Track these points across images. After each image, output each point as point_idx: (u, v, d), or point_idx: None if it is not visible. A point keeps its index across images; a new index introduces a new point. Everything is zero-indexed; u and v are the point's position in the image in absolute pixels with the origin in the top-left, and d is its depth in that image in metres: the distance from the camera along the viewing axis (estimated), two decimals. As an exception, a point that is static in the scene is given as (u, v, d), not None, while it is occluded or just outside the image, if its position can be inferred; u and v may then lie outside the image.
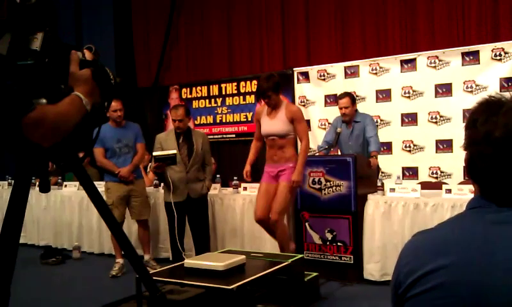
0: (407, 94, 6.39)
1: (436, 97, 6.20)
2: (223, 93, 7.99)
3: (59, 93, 1.42)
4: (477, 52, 5.91)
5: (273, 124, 4.36)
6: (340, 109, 5.32)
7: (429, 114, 6.24)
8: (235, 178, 5.57)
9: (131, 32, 9.22)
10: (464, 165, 1.12)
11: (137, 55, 9.23)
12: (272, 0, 7.74)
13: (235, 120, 7.80)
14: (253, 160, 4.63)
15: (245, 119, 7.76)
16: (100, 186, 5.64)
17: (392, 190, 4.69)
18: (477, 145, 1.05)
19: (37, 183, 1.61)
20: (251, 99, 7.69)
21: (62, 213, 6.64)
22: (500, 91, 5.72)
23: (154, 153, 4.98)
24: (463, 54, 5.99)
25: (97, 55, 1.56)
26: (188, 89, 8.36)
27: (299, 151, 4.52)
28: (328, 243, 4.81)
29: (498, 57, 5.79)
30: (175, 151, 4.94)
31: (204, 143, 5.21)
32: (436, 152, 6.20)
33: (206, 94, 8.18)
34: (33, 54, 1.38)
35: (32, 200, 6.67)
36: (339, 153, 5.39)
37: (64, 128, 1.37)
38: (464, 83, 5.99)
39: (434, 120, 6.21)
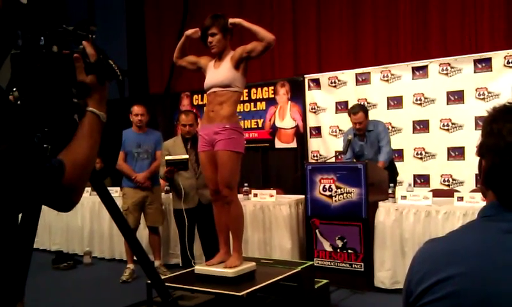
0: (418, 102, 6.36)
1: (448, 104, 6.16)
2: (234, 99, 8.01)
3: (73, 109, 1.34)
4: (489, 59, 5.87)
5: (216, 73, 3.82)
6: (355, 124, 5.24)
7: (440, 121, 6.20)
8: (245, 184, 5.57)
9: (144, 39, 9.29)
10: (477, 172, 1.11)
11: (149, 61, 9.29)
12: (283, 7, 7.75)
13: (246, 127, 7.80)
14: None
15: (256, 126, 7.77)
16: (113, 192, 5.68)
17: (404, 197, 4.68)
18: (502, 155, 1.03)
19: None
20: (262, 106, 7.70)
21: (74, 219, 6.68)
22: (513, 99, 5.69)
23: (166, 158, 4.98)
24: (475, 61, 5.95)
25: (92, 32, 1.44)
26: (199, 95, 8.38)
27: None
28: (338, 250, 4.79)
29: (510, 65, 5.74)
30: (187, 156, 4.94)
31: None
32: (448, 159, 6.16)
33: (217, 101, 8.19)
34: (36, 74, 1.26)
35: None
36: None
37: (88, 171, 1.27)
38: (476, 90, 5.95)
39: (446, 127, 6.17)
